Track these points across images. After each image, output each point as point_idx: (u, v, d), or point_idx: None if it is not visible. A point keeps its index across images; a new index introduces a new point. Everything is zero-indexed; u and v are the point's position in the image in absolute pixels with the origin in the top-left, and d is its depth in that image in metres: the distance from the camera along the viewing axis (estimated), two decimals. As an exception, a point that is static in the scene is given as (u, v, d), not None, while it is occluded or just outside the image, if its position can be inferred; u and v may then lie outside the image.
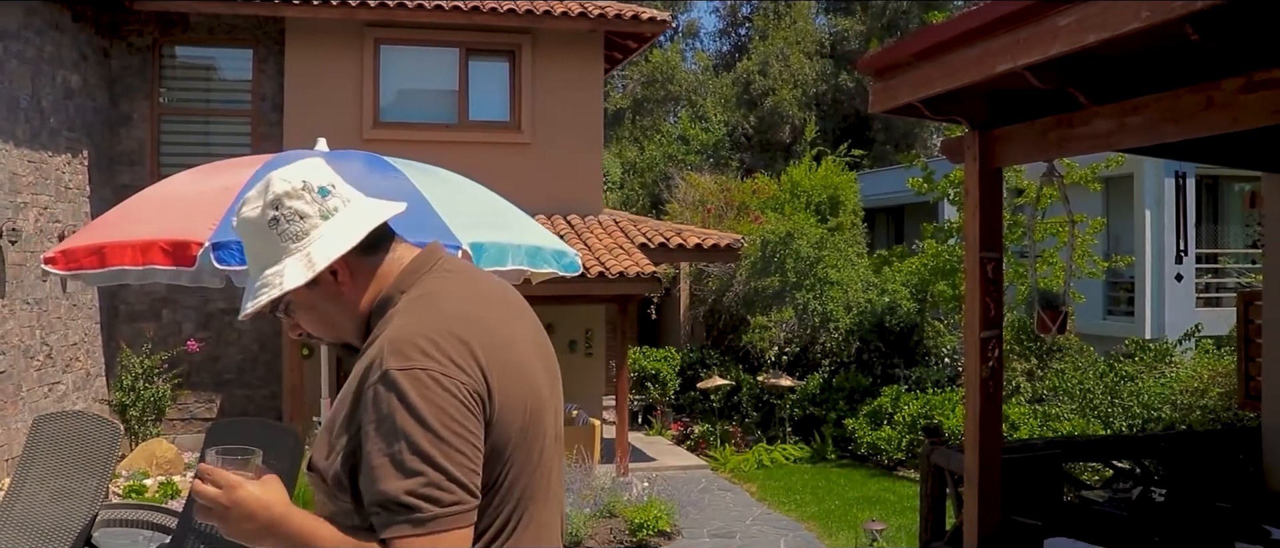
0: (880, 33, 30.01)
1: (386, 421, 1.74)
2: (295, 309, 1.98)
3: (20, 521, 4.49)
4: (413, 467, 1.72)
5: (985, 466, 4.53)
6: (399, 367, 1.76)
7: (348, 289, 1.94)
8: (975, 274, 4.62)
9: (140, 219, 4.02)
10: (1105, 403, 10.45)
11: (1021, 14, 3.63)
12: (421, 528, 1.71)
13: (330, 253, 1.89)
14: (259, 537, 1.82)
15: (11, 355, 11.23)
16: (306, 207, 1.92)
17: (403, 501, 1.72)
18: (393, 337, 1.82)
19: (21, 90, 11.30)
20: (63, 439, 4.66)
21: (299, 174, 1.95)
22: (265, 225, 1.93)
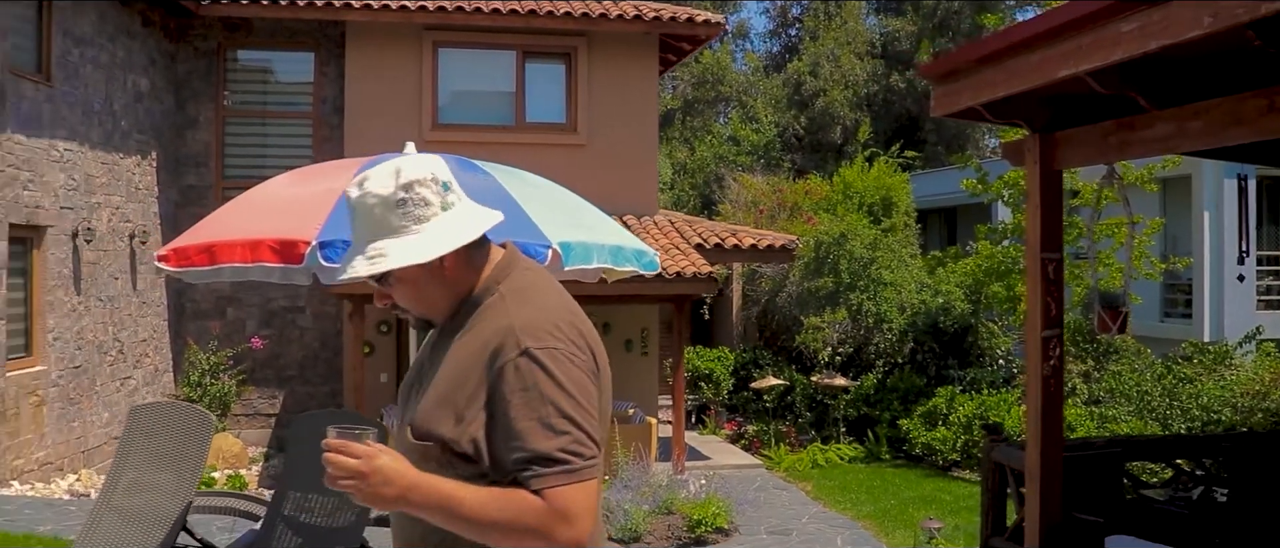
0: (931, 33, 29.89)
1: (532, 390, 2.01)
2: (396, 282, 2.18)
3: (121, 507, 4.72)
4: (561, 427, 2.00)
5: (1047, 462, 4.62)
6: (537, 346, 2.04)
7: (450, 275, 2.17)
8: (1036, 275, 4.71)
9: (246, 220, 4.25)
10: (1163, 405, 10.42)
11: (1084, 20, 3.72)
12: (573, 477, 2.00)
13: (454, 241, 2.13)
14: (395, 502, 2.01)
15: (87, 351, 11.60)
16: (432, 196, 2.14)
17: (555, 456, 1.99)
18: (523, 323, 2.07)
19: (95, 95, 11.67)
20: (158, 428, 4.88)
21: (428, 167, 2.16)
22: (392, 204, 2.12)
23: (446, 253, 2.13)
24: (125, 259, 12.50)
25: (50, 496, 10.09)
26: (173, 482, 4.67)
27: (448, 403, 2.09)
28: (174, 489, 4.65)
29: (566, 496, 1.99)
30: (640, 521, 9.05)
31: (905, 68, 29.89)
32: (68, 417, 11.20)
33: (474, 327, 2.14)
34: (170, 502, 4.63)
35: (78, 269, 11.38)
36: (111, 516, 4.73)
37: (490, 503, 2.00)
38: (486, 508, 2.00)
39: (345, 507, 4.41)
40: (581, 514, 2.00)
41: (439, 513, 2.02)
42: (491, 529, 2.01)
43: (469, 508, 1.99)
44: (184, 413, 4.93)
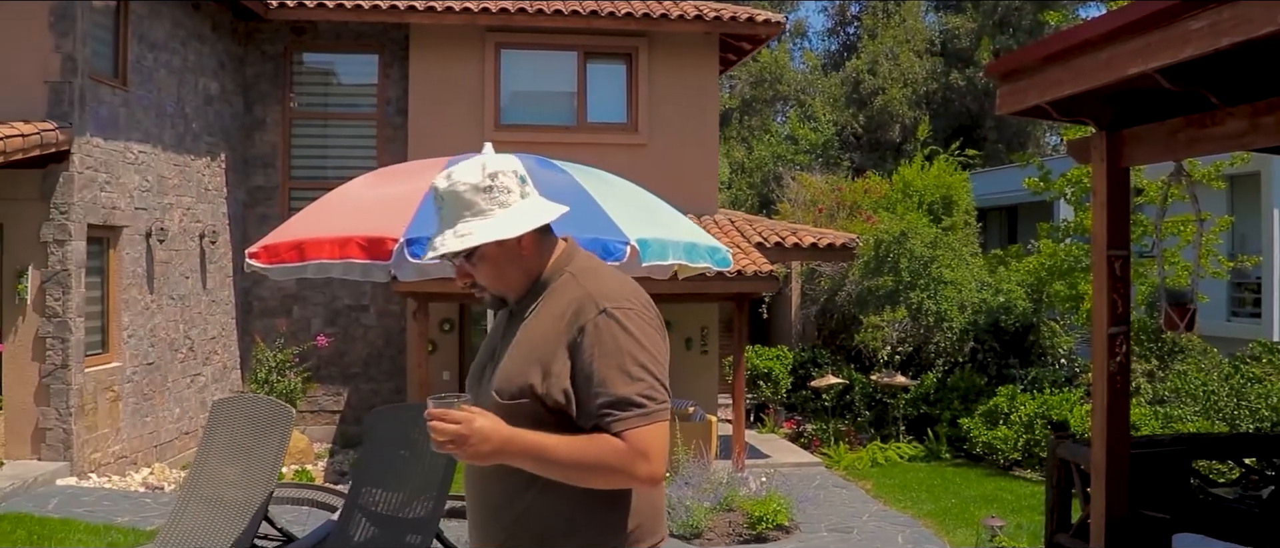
0: (991, 31, 29.60)
1: (612, 344, 2.28)
2: (479, 261, 2.45)
3: (206, 497, 4.89)
4: (637, 374, 2.27)
5: (1113, 459, 4.62)
6: (614, 306, 2.32)
7: (526, 255, 2.45)
8: (1103, 272, 4.71)
9: (331, 219, 4.43)
10: (1230, 405, 10.29)
11: (1153, 18, 3.73)
12: (648, 419, 2.26)
13: (532, 222, 2.41)
14: (493, 456, 2.25)
15: (159, 348, 11.91)
16: (512, 185, 2.43)
17: (633, 399, 2.25)
18: (599, 289, 2.37)
19: (168, 98, 11.97)
20: (240, 420, 5.05)
21: (510, 162, 2.47)
22: (480, 190, 2.40)
23: (525, 232, 2.40)
24: (195, 258, 12.81)
25: (126, 488, 10.38)
26: (254, 472, 4.83)
27: (534, 362, 2.33)
28: (255, 480, 4.80)
29: (644, 436, 2.24)
30: (701, 517, 9.12)
31: (965, 66, 29.65)
32: (141, 412, 11.51)
33: (545, 303, 2.41)
34: (252, 492, 4.79)
35: (151, 268, 11.69)
36: (197, 504, 4.90)
37: (576, 446, 2.24)
38: (573, 451, 2.24)
39: (420, 498, 4.53)
40: (656, 452, 2.25)
41: (531, 461, 2.26)
42: (578, 469, 2.26)
43: (558, 453, 2.24)
44: (265, 406, 5.09)
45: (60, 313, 9.96)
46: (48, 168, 9.92)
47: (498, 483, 2.38)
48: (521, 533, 2.38)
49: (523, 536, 2.38)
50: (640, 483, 2.29)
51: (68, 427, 10.03)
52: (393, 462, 4.67)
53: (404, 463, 4.62)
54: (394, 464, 4.66)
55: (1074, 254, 13.13)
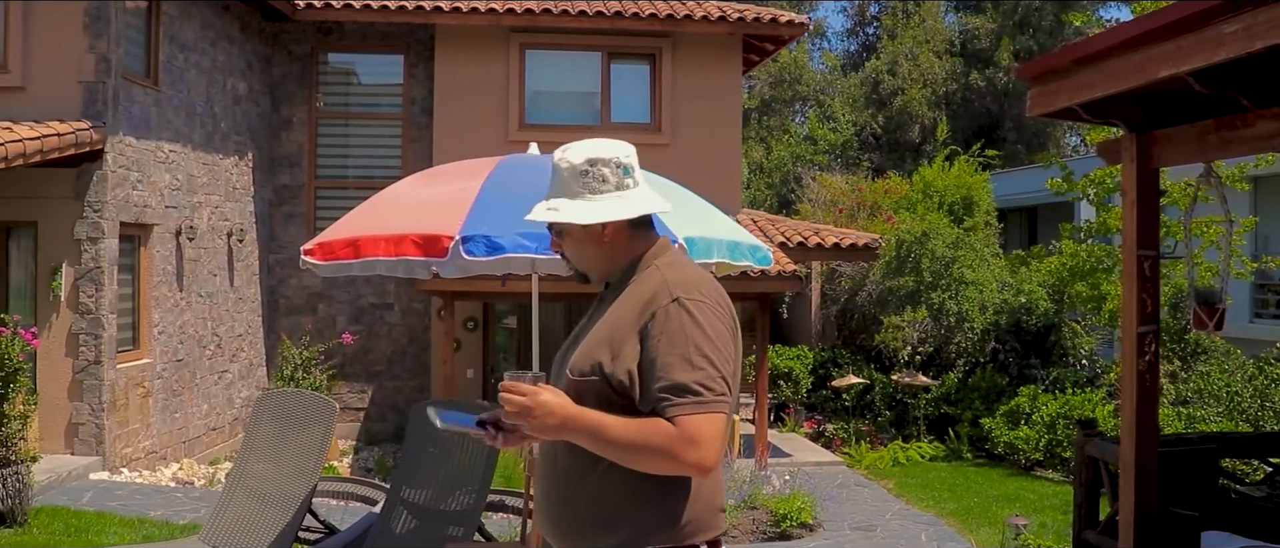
0: (1011, 31, 29.57)
1: (678, 331, 2.36)
2: (565, 235, 2.60)
3: (250, 489, 5.00)
4: (698, 363, 2.34)
5: (1142, 456, 4.68)
6: (686, 297, 2.40)
7: (609, 243, 2.56)
8: (1132, 271, 4.77)
9: (386, 217, 4.55)
10: (1254, 406, 10.31)
11: (1186, 22, 3.78)
12: (703, 407, 2.31)
13: (611, 215, 2.52)
14: (557, 431, 2.37)
15: (188, 345, 12.05)
16: (610, 174, 2.53)
17: (690, 386, 2.31)
18: (676, 279, 2.46)
19: (197, 98, 12.12)
20: (285, 414, 5.16)
21: (616, 151, 2.57)
22: (578, 173, 2.53)
23: (605, 222, 2.51)
24: (223, 257, 12.96)
25: (156, 483, 10.52)
26: (298, 466, 4.93)
27: (606, 342, 2.44)
28: (299, 473, 4.91)
29: (695, 423, 2.30)
30: (726, 514, 9.19)
31: (984, 66, 29.62)
32: (171, 408, 11.66)
33: (631, 288, 2.52)
34: (296, 485, 4.89)
35: (180, 266, 11.83)
36: (242, 496, 5.01)
37: (630, 428, 2.33)
38: (628, 432, 2.32)
39: (462, 491, 4.62)
40: (707, 440, 2.30)
41: (590, 438, 2.36)
42: (630, 450, 2.33)
43: (613, 432, 2.33)
44: (309, 400, 5.20)
45: (93, 310, 10.11)
46: (82, 166, 10.07)
47: (567, 465, 2.48)
48: (581, 517, 2.47)
49: (582, 520, 2.47)
50: (688, 469, 2.33)
51: (100, 422, 10.17)
52: (435, 456, 4.77)
53: (446, 457, 4.71)
54: (436, 458, 4.76)
55: (1096, 255, 13.13)
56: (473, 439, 2.67)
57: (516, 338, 14.78)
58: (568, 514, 2.50)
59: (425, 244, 4.21)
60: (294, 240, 14.39)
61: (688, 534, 2.43)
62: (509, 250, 4.13)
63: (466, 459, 4.67)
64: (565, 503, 2.51)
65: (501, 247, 4.10)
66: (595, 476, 2.43)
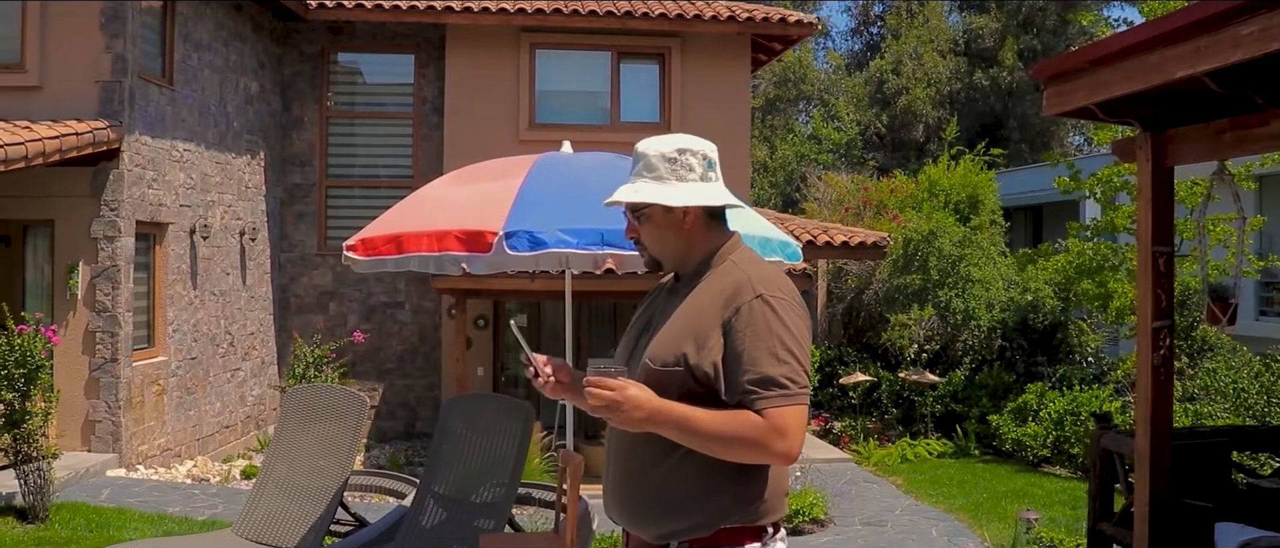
0: (1015, 31, 29.67)
1: (764, 327, 2.46)
2: (645, 219, 2.67)
3: (282, 483, 5.08)
4: (784, 357, 2.44)
5: (1156, 448, 4.77)
6: (769, 294, 2.50)
7: (688, 231, 2.65)
8: (1147, 268, 4.86)
9: (426, 214, 4.67)
10: (1261, 403, 10.39)
11: (1203, 23, 3.86)
12: (790, 400, 2.42)
13: (696, 200, 2.62)
14: (644, 423, 2.44)
15: (201, 343, 12.14)
16: (696, 164, 2.65)
17: (778, 379, 2.42)
18: (758, 276, 2.56)
19: (211, 97, 12.21)
20: (314, 409, 5.24)
21: (703, 145, 2.70)
22: (666, 158, 2.64)
23: (689, 206, 2.61)
24: (236, 255, 13.05)
25: (172, 480, 10.62)
26: (329, 459, 5.01)
27: (690, 335, 2.51)
28: (331, 467, 4.99)
29: (783, 415, 2.40)
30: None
31: (988, 65, 29.71)
32: (185, 406, 11.75)
33: (708, 281, 2.60)
34: (327, 478, 4.98)
35: (194, 264, 11.93)
36: (273, 489, 5.09)
37: (720, 420, 2.42)
38: (716, 424, 2.41)
39: (492, 484, 4.71)
40: (794, 431, 2.41)
41: (677, 430, 2.44)
42: (719, 441, 2.42)
43: (702, 424, 2.41)
44: (339, 394, 5.28)
45: (109, 308, 10.20)
46: (98, 165, 10.16)
47: (643, 451, 2.55)
48: (658, 500, 2.55)
49: (659, 502, 2.55)
50: (776, 459, 2.45)
51: (117, 419, 10.26)
52: (466, 449, 4.86)
53: (477, 450, 4.80)
54: (467, 451, 4.84)
55: (1102, 253, 13.22)
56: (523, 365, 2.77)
57: (527, 336, 14.86)
58: (644, 500, 2.58)
59: (469, 240, 4.32)
60: (305, 239, 14.49)
61: (761, 515, 2.54)
62: (551, 245, 4.24)
63: (496, 452, 4.75)
64: (640, 489, 2.58)
65: (544, 242, 4.20)
66: (671, 462, 2.52)
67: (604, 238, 4.24)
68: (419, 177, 14.48)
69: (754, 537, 2.53)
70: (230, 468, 11.32)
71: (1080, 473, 11.65)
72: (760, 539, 2.54)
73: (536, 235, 4.20)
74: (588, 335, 14.79)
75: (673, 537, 2.53)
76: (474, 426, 4.97)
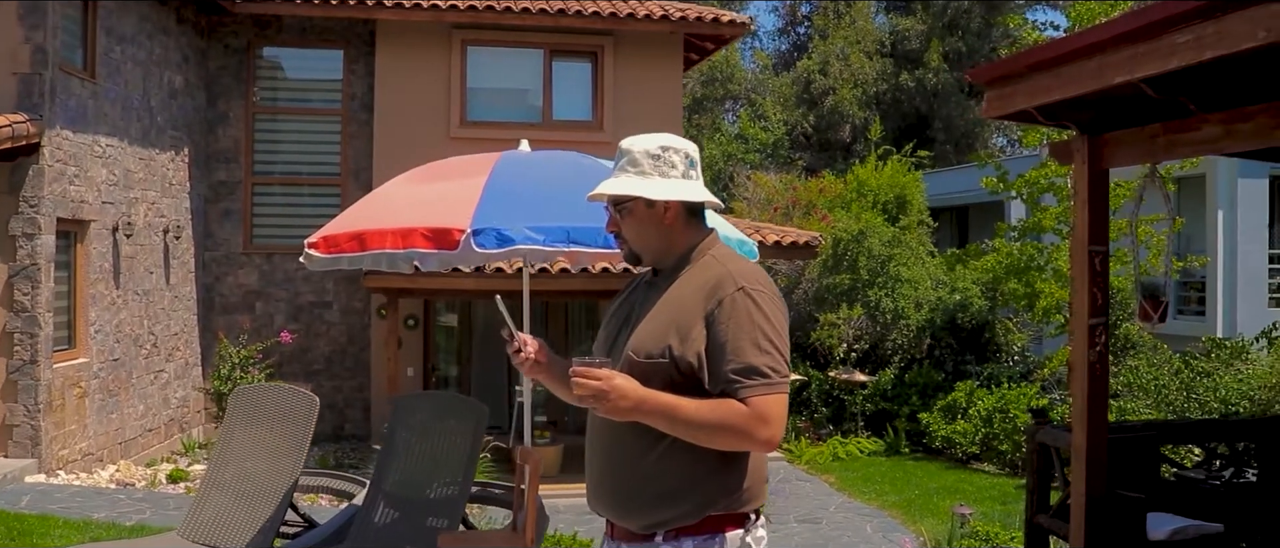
0: (941, 32, 30.13)
1: (746, 319, 2.54)
2: (627, 213, 2.74)
3: (228, 484, 4.97)
4: (766, 347, 2.52)
5: (1093, 442, 4.89)
6: (750, 287, 2.58)
7: (669, 225, 2.72)
8: (1083, 266, 4.98)
9: (390, 212, 4.65)
10: (1180, 399, 10.70)
11: (1141, 32, 3.97)
12: (771, 388, 2.50)
13: (677, 195, 2.70)
14: (630, 412, 2.51)
15: (124, 344, 11.85)
16: (678, 162, 2.73)
17: (761, 368, 2.50)
18: (738, 270, 2.63)
19: (134, 91, 11.92)
20: (262, 409, 5.14)
21: (685, 145, 2.77)
22: (650, 155, 2.72)
23: (670, 201, 2.68)
24: (160, 254, 12.75)
25: (95, 485, 10.34)
26: (277, 461, 4.93)
27: (672, 327, 2.58)
28: (279, 468, 4.91)
29: (766, 402, 2.49)
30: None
31: (914, 67, 30.15)
32: (107, 409, 11.45)
33: (688, 275, 2.68)
34: (276, 479, 4.89)
35: (117, 263, 11.63)
36: (218, 491, 4.98)
37: (704, 408, 2.50)
38: (702, 412, 2.49)
39: (446, 482, 4.66)
40: (776, 419, 2.51)
41: (664, 418, 2.51)
42: (704, 429, 2.50)
43: (687, 413, 2.49)
44: (288, 394, 5.19)
45: (29, 308, 9.90)
46: (17, 160, 9.85)
47: (629, 443, 2.61)
48: (645, 490, 2.60)
49: (647, 492, 2.60)
50: (759, 446, 2.53)
51: (36, 424, 9.97)
52: (419, 447, 4.81)
53: (429, 449, 4.75)
54: (419, 450, 4.79)
55: (1028, 253, 13.49)
56: (505, 341, 2.80)
57: (457, 336, 14.76)
58: (632, 490, 2.63)
59: (435, 237, 4.32)
60: (230, 238, 14.22)
61: (744, 501, 2.61)
62: (518, 242, 4.26)
63: (449, 450, 4.71)
64: (628, 480, 2.64)
65: (511, 239, 4.22)
66: (658, 453, 2.58)
67: (570, 236, 4.26)
68: (347, 174, 14.30)
69: (738, 523, 2.61)
70: (155, 472, 11.06)
71: (1009, 469, 11.90)
72: (744, 526, 2.62)
73: (504, 232, 4.20)
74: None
75: (660, 526, 2.59)
76: (426, 424, 4.93)
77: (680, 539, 2.58)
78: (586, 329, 14.83)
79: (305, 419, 4.97)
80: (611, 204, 2.78)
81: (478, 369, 14.50)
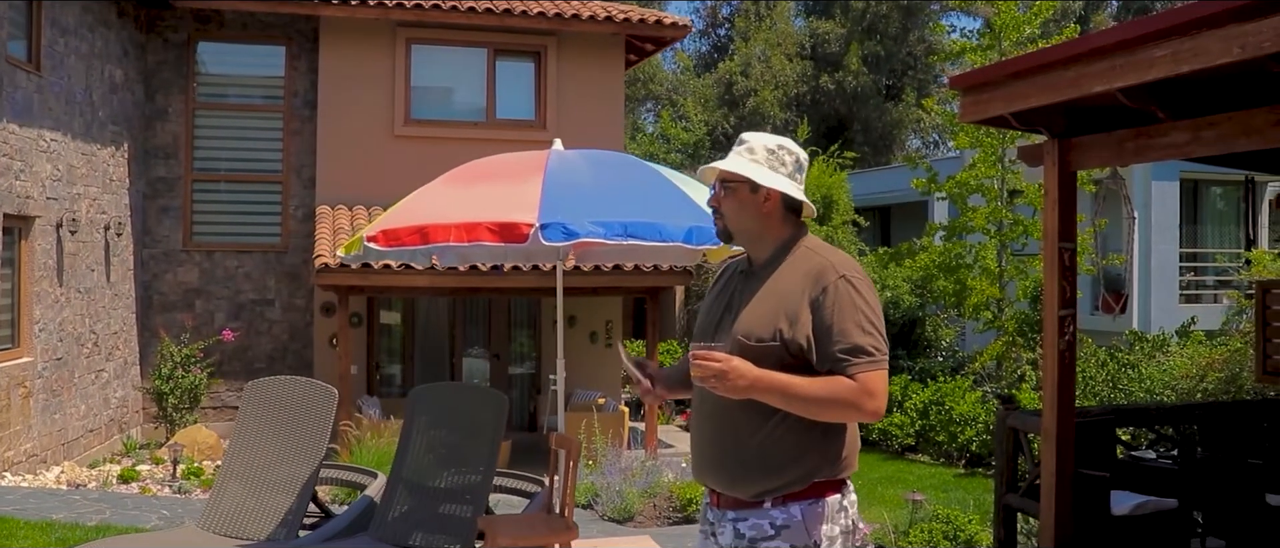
0: (860, 36, 30.87)
1: (849, 303, 2.82)
2: (731, 193, 2.99)
3: (246, 476, 5.05)
4: (868, 329, 2.80)
5: (1062, 425, 5.28)
6: (851, 276, 2.86)
7: (765, 214, 2.98)
8: (1053, 262, 5.36)
9: (446, 208, 4.83)
10: (1107, 390, 11.28)
11: (1121, 45, 4.34)
12: (876, 365, 2.77)
13: (780, 186, 2.96)
14: (747, 390, 2.75)
15: (67, 342, 11.69)
16: (789, 162, 3.02)
17: (866, 347, 2.77)
18: (837, 260, 2.91)
19: (77, 85, 11.76)
20: (278, 402, 5.23)
21: (799, 151, 3.06)
22: (768, 148, 3.01)
23: (772, 189, 2.95)
24: (101, 251, 12.59)
25: (44, 486, 10.22)
26: (297, 452, 5.03)
27: (781, 312, 2.85)
28: (299, 459, 5.01)
29: (872, 378, 2.76)
30: (633, 500, 9.56)
31: (834, 69, 30.83)
32: (51, 409, 11.29)
33: (789, 265, 2.94)
34: (296, 470, 4.99)
35: (61, 260, 11.47)
36: (236, 485, 5.07)
37: (817, 384, 2.76)
38: (814, 388, 2.76)
39: (469, 470, 4.82)
40: (881, 392, 2.78)
41: (779, 395, 2.77)
42: (817, 403, 2.77)
43: (801, 389, 2.75)
44: (306, 386, 5.29)
45: (-24, 305, 9.75)
46: (-37, 156, 9.71)
47: (741, 419, 2.87)
48: (758, 462, 2.86)
49: (758, 464, 2.86)
50: (867, 416, 2.79)
51: (-17, 422, 9.82)
52: (439, 437, 4.95)
53: (450, 438, 4.91)
54: (440, 440, 4.94)
55: (955, 252, 14.03)
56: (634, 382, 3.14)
57: (400, 334, 14.80)
58: (744, 462, 2.89)
59: (502, 231, 4.54)
60: (169, 235, 14.07)
61: (841, 469, 2.91)
62: (582, 235, 4.52)
63: (471, 440, 4.87)
64: (740, 453, 2.89)
65: (576, 232, 4.49)
66: (769, 428, 2.84)
67: (628, 229, 4.53)
68: (290, 171, 14.25)
69: (837, 489, 2.92)
70: (105, 473, 10.94)
71: (944, 460, 12.38)
72: (841, 491, 2.93)
73: (569, 227, 4.46)
74: (461, 331, 14.83)
75: (769, 493, 2.86)
76: (445, 414, 5.08)
77: (788, 505, 2.85)
78: (526, 327, 14.99)
79: (324, 411, 5.08)
80: (719, 181, 3.02)
81: (420, 366, 14.56)
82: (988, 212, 13.27)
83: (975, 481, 11.26)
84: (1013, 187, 13.82)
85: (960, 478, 11.53)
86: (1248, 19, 3.79)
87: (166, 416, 13.19)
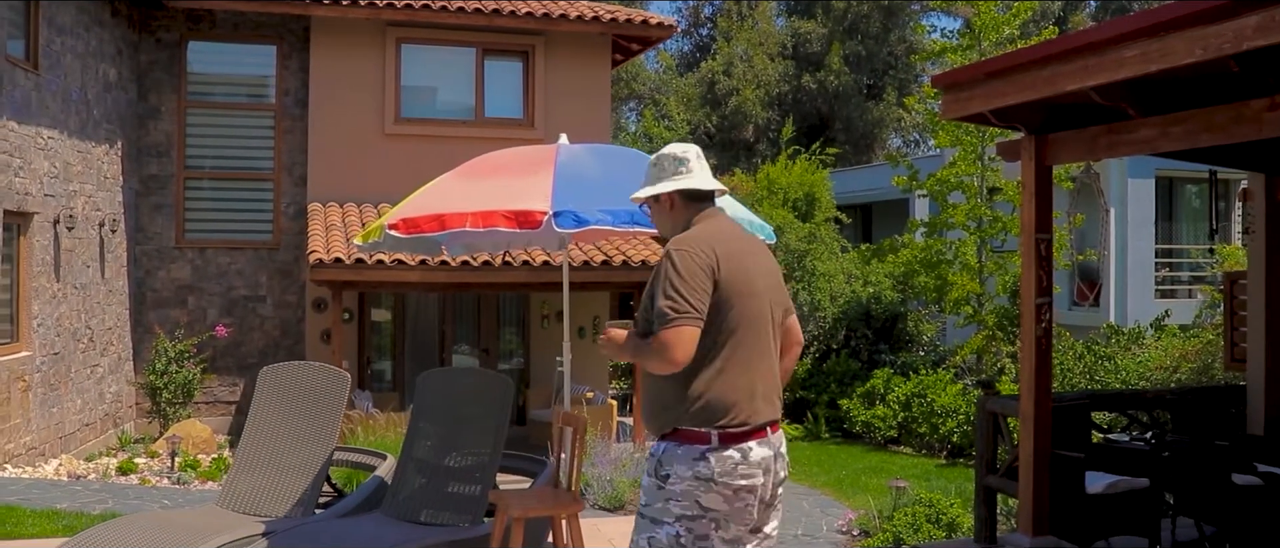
0: (842, 36, 31.19)
1: (660, 273, 3.40)
2: (651, 212, 3.72)
3: (262, 459, 5.27)
4: (669, 293, 3.34)
5: (1039, 408, 5.55)
6: (672, 249, 3.45)
7: (671, 211, 3.67)
8: (1030, 252, 5.63)
9: (461, 198, 5.11)
10: (1084, 382, 11.58)
11: (1093, 46, 4.62)
12: (667, 325, 3.30)
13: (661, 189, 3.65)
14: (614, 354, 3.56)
15: (64, 338, 11.86)
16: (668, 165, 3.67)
17: (663, 310, 3.33)
18: (682, 236, 3.52)
19: (73, 83, 11.93)
20: (291, 387, 5.45)
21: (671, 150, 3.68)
22: (652, 165, 3.70)
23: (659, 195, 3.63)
24: (96, 247, 12.75)
25: (44, 478, 10.38)
26: (311, 434, 5.25)
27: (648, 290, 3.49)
28: (313, 441, 5.23)
29: (666, 335, 3.31)
30: (625, 490, 9.80)
31: (816, 69, 31.14)
32: (49, 403, 11.46)
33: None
34: (311, 452, 5.21)
35: (58, 256, 11.64)
36: (252, 467, 5.28)
37: (641, 344, 3.42)
38: (639, 347, 3.43)
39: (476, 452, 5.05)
40: (674, 345, 3.29)
41: (630, 353, 3.50)
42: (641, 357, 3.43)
43: (634, 348, 3.46)
44: (317, 371, 5.51)
45: (-24, 300, 9.91)
46: (-36, 153, 9.86)
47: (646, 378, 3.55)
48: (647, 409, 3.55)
49: (651, 409, 3.53)
50: (667, 367, 3.33)
51: (-17, 415, 9.98)
52: (447, 419, 5.18)
53: (458, 419, 5.13)
54: (449, 421, 5.16)
55: (936, 248, 14.33)
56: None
57: (390, 330, 14.99)
58: (647, 408, 3.56)
59: (517, 218, 4.87)
60: (162, 232, 14.23)
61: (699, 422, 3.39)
62: (593, 222, 4.89)
63: (478, 422, 5.10)
64: (646, 402, 3.57)
65: (587, 220, 4.84)
66: (651, 384, 3.52)
67: (634, 217, 4.86)
68: (281, 169, 14.44)
69: (700, 439, 3.39)
70: (105, 465, 11.11)
71: (926, 451, 12.67)
72: (707, 442, 3.39)
73: (580, 215, 4.81)
74: (450, 328, 15.03)
75: (657, 432, 3.50)
76: (453, 397, 5.31)
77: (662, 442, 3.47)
78: (514, 324, 15.21)
79: (337, 394, 5.31)
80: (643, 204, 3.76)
81: (410, 362, 14.76)
82: (968, 208, 13.57)
83: (957, 470, 11.57)
84: (992, 184, 14.14)
85: (942, 468, 11.83)
86: (1209, 22, 4.07)
87: (160, 410, 13.33)
